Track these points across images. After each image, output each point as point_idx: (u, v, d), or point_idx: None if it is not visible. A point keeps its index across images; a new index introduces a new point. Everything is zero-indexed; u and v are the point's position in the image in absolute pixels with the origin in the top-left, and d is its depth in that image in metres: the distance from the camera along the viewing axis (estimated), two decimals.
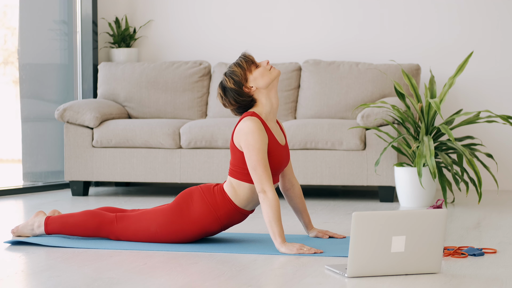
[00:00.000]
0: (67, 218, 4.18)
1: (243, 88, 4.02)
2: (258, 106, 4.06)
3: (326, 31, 6.88)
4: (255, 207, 4.12)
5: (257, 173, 3.92)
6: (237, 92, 4.03)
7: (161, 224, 4.06)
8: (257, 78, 4.04)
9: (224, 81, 4.05)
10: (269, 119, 4.07)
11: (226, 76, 4.05)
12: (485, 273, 3.45)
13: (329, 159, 5.91)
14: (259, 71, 4.05)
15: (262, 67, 4.06)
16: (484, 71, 6.67)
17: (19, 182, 6.69)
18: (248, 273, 3.44)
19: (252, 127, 3.95)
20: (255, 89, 4.03)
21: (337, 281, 3.29)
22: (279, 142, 4.06)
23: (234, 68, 4.04)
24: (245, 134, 3.96)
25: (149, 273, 3.44)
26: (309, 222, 4.32)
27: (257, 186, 3.92)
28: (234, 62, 4.07)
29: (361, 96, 6.33)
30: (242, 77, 4.02)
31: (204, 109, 6.66)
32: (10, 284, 3.26)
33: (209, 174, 6.07)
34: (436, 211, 3.38)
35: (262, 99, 4.05)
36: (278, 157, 4.04)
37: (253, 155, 3.93)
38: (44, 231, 4.20)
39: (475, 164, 5.50)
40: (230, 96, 4.04)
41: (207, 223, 4.05)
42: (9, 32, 7.02)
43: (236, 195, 4.04)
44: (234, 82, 4.02)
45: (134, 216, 4.13)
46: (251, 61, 4.06)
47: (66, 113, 6.27)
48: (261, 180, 3.91)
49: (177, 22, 7.10)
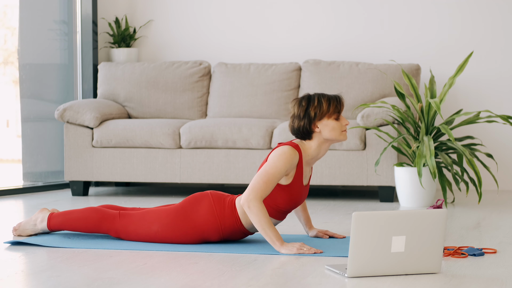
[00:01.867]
0: (70, 214, 4.21)
1: (312, 122, 3.98)
2: (308, 144, 4.03)
3: (326, 31, 6.88)
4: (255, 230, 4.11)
5: (257, 181, 3.91)
6: (306, 119, 3.98)
7: (164, 224, 4.06)
8: (328, 127, 3.99)
9: (312, 100, 3.99)
10: (308, 162, 4.06)
11: (317, 98, 3.99)
12: (485, 273, 3.45)
13: (329, 159, 5.91)
14: (334, 124, 3.99)
15: (339, 123, 4.00)
16: (484, 71, 6.67)
17: (19, 182, 6.69)
18: (248, 273, 3.44)
19: (287, 154, 3.93)
20: (319, 132, 4.00)
21: (337, 281, 3.29)
22: (302, 182, 4.06)
23: (324, 102, 3.98)
24: (277, 153, 3.94)
25: (149, 273, 3.44)
26: (309, 222, 4.32)
27: (248, 192, 3.89)
28: (329, 96, 3.99)
29: (361, 96, 6.33)
30: (322, 114, 3.98)
31: (204, 109, 6.67)
32: (10, 284, 3.26)
33: (209, 174, 6.07)
34: (436, 211, 3.38)
35: (315, 143, 4.02)
36: (297, 195, 4.04)
37: (270, 168, 3.91)
38: (46, 226, 4.23)
39: (475, 164, 5.50)
40: (301, 113, 3.99)
41: (209, 232, 4.05)
42: (9, 32, 7.02)
43: (245, 214, 4.03)
44: (314, 111, 3.98)
45: (137, 214, 4.14)
46: (339, 110, 4.00)
47: (66, 113, 6.27)
48: (255, 189, 3.89)
49: (177, 22, 7.10)
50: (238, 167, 6.03)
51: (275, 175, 3.91)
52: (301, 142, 4.03)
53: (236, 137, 6.03)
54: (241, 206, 4.01)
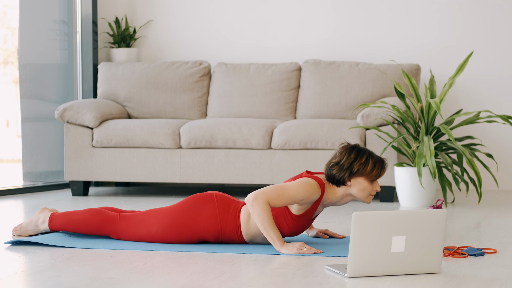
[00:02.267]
0: (71, 215, 4.21)
1: (348, 176, 3.96)
2: (334, 189, 4.02)
3: (327, 31, 6.88)
4: (254, 242, 4.11)
5: (272, 188, 3.90)
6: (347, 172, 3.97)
7: (163, 225, 4.07)
8: (359, 185, 3.97)
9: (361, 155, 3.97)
10: (324, 204, 4.05)
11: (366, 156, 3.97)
12: (485, 273, 3.45)
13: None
14: (366, 185, 3.97)
15: (371, 187, 3.99)
16: (484, 71, 6.67)
17: (19, 182, 6.69)
18: (248, 273, 3.44)
19: (312, 188, 3.92)
20: (349, 186, 3.99)
21: (337, 281, 3.29)
22: (311, 217, 4.06)
23: (370, 164, 3.96)
24: (304, 181, 3.92)
25: (149, 273, 3.44)
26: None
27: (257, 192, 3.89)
28: (377, 158, 3.98)
29: (361, 96, 6.33)
30: (362, 173, 3.96)
31: (204, 109, 6.66)
32: (10, 284, 3.26)
33: (209, 174, 6.07)
34: (436, 211, 3.38)
35: (340, 192, 4.01)
36: (302, 227, 4.04)
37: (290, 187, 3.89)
38: (48, 227, 4.23)
39: (475, 164, 5.50)
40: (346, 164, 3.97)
41: (207, 234, 4.05)
42: (9, 32, 7.02)
43: (247, 225, 4.03)
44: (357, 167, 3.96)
45: (137, 215, 4.14)
46: (377, 175, 3.98)
47: (66, 113, 6.27)
48: (265, 193, 3.88)
49: (177, 22, 7.10)
50: (238, 167, 6.03)
51: (290, 196, 3.90)
52: (328, 184, 4.02)
53: (236, 137, 6.03)
54: (245, 216, 4.02)
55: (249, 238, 4.05)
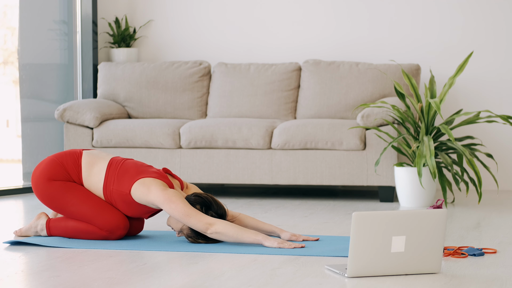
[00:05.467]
0: (66, 221, 4.21)
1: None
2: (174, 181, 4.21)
3: (326, 31, 6.88)
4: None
5: (191, 216, 3.98)
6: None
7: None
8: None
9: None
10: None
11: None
12: (485, 273, 3.45)
13: (329, 159, 5.91)
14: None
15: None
16: (484, 71, 6.67)
17: (19, 182, 6.69)
18: (248, 273, 3.44)
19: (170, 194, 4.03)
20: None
21: (337, 281, 3.29)
22: None
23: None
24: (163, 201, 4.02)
25: (149, 273, 3.44)
26: (275, 228, 4.26)
27: (199, 225, 3.98)
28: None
29: (361, 96, 6.33)
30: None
31: (204, 109, 6.66)
32: (10, 284, 3.26)
33: (209, 174, 6.07)
34: (436, 211, 3.38)
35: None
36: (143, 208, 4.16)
37: (180, 207, 3.99)
38: (47, 234, 4.26)
39: (475, 164, 5.50)
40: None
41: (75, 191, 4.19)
42: (9, 32, 7.02)
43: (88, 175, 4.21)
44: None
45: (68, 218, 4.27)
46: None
47: (66, 113, 6.27)
48: (200, 219, 3.98)
49: (177, 22, 7.10)
50: (238, 167, 6.03)
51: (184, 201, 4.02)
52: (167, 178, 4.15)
53: (236, 137, 6.03)
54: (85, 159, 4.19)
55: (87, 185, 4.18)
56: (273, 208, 5.57)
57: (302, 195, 6.33)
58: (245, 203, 5.83)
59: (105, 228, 4.12)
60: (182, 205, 3.97)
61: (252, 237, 3.97)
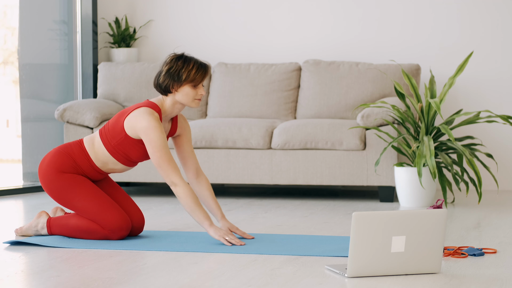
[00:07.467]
0: (67, 223, 4.21)
1: (172, 84, 4.11)
2: (165, 101, 4.16)
3: (326, 31, 6.88)
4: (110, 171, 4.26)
5: (162, 168, 4.04)
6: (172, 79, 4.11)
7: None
8: (184, 93, 4.12)
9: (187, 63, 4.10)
10: (164, 119, 4.20)
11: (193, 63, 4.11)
12: (485, 273, 3.45)
13: (329, 159, 5.91)
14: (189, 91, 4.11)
15: (196, 92, 4.13)
16: (484, 71, 6.67)
17: (19, 182, 6.69)
18: (248, 273, 3.44)
19: (154, 123, 4.05)
20: (174, 94, 4.14)
21: (337, 281, 3.29)
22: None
23: (193, 69, 4.12)
24: (145, 128, 4.06)
25: (149, 273, 3.44)
26: (220, 212, 4.28)
27: (166, 179, 4.05)
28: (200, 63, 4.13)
29: (361, 96, 6.33)
30: (185, 80, 4.10)
31: (204, 109, 6.67)
32: (10, 284, 3.26)
33: (209, 174, 6.07)
34: (436, 211, 3.38)
35: (169, 103, 4.17)
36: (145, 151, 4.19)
37: (156, 151, 4.04)
38: (47, 233, 4.27)
39: (475, 164, 5.50)
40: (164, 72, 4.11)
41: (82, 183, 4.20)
42: (9, 32, 7.02)
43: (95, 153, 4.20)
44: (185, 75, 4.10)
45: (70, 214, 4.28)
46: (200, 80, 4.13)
47: (66, 113, 6.27)
48: (168, 174, 4.04)
49: (177, 22, 7.10)
50: (238, 167, 6.03)
51: (166, 150, 4.05)
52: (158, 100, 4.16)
53: (236, 137, 6.03)
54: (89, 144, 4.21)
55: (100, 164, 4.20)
56: (273, 208, 5.57)
57: (302, 195, 6.33)
58: (245, 203, 5.83)
59: (108, 227, 4.12)
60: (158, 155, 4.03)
61: (201, 219, 4.02)
